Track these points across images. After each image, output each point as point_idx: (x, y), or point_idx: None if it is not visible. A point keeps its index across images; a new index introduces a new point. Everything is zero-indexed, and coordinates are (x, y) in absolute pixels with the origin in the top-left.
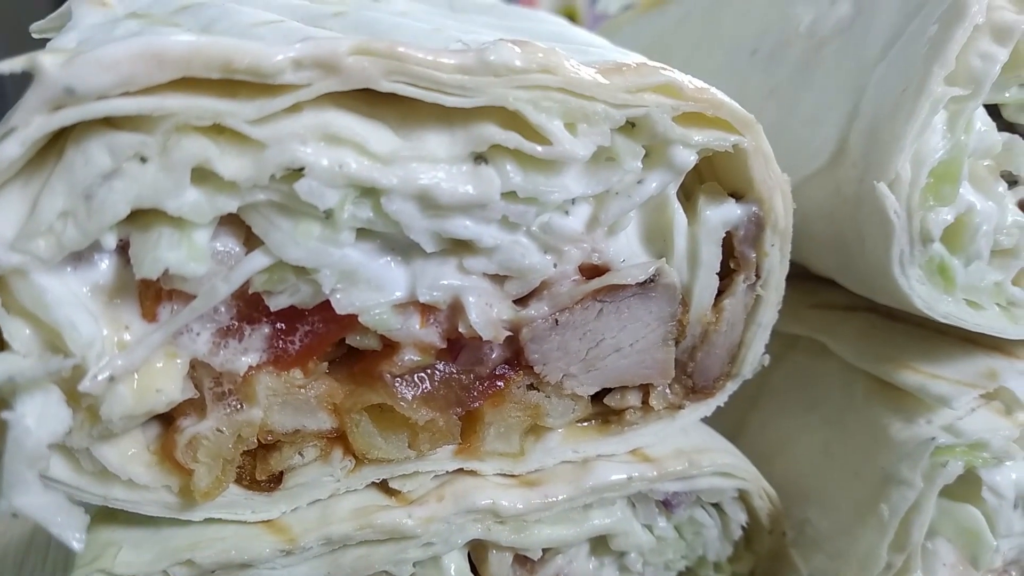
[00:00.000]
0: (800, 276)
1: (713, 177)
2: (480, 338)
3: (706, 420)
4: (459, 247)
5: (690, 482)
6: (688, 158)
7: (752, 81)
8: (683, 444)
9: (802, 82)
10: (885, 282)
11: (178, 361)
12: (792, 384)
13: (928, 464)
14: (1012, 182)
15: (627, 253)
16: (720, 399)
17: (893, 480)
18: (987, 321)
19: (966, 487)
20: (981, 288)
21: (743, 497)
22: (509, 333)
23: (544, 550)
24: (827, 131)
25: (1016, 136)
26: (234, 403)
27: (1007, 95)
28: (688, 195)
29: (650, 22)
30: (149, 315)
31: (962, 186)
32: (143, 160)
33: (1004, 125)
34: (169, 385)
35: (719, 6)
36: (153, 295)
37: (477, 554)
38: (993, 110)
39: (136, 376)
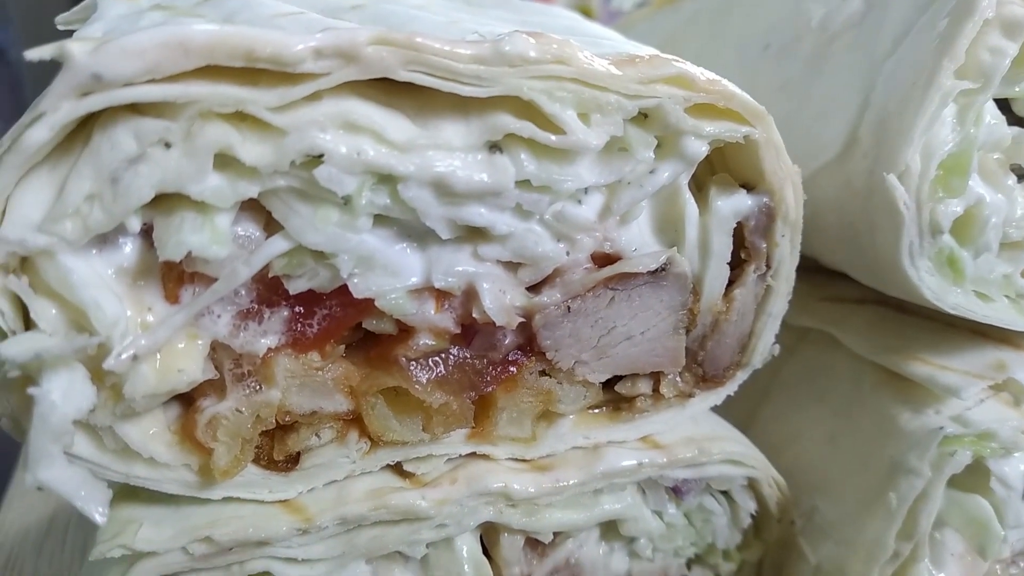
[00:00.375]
0: (811, 269)
1: (724, 168)
2: (493, 324)
3: (718, 413)
4: (474, 234)
5: (700, 469)
6: (700, 149)
7: (764, 76)
8: (693, 432)
9: (813, 76)
10: (895, 274)
11: (199, 342)
12: (802, 377)
13: (936, 453)
14: (1022, 175)
15: (639, 242)
16: (730, 388)
17: (901, 469)
18: (996, 313)
19: (974, 478)
20: (990, 280)
21: (752, 485)
22: (522, 319)
23: (555, 534)
24: (838, 124)
25: None
26: (253, 384)
27: (1017, 89)
28: (700, 186)
29: (663, 19)
30: (171, 297)
31: (971, 179)
32: (167, 145)
33: (1014, 119)
34: (190, 365)
35: (731, 3)
36: (176, 277)
37: (489, 537)
38: (1003, 104)
39: (158, 356)
